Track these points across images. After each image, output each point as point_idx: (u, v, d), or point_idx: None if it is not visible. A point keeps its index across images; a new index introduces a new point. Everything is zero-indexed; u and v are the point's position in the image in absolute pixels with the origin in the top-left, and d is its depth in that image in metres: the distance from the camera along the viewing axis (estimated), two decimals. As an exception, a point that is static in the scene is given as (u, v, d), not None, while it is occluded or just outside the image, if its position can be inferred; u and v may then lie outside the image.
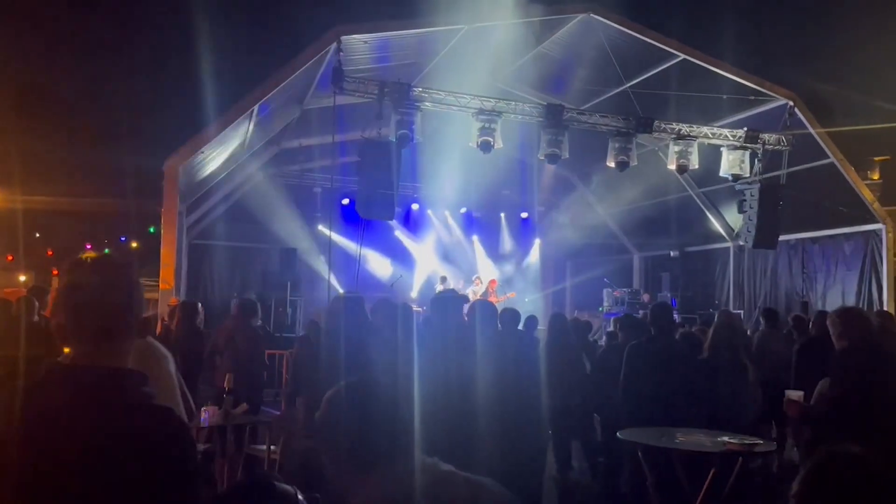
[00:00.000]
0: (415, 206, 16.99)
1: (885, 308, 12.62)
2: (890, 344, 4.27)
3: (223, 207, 15.12)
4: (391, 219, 11.73)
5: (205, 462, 5.46)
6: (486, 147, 10.92)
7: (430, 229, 17.53)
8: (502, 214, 18.02)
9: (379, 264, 16.59)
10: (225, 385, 5.47)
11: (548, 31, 12.01)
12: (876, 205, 13.37)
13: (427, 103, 10.65)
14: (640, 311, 13.28)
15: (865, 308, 12.80)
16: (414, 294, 16.48)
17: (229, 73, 11.17)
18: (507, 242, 18.27)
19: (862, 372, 3.34)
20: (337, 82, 10.14)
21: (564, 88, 13.84)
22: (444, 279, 15.72)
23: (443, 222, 17.64)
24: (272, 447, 5.76)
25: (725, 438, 3.98)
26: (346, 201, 15.52)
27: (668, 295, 15.83)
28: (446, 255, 17.62)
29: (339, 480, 1.52)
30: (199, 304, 7.59)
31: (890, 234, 13.17)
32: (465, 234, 17.88)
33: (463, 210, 17.56)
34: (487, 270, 17.46)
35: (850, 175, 12.93)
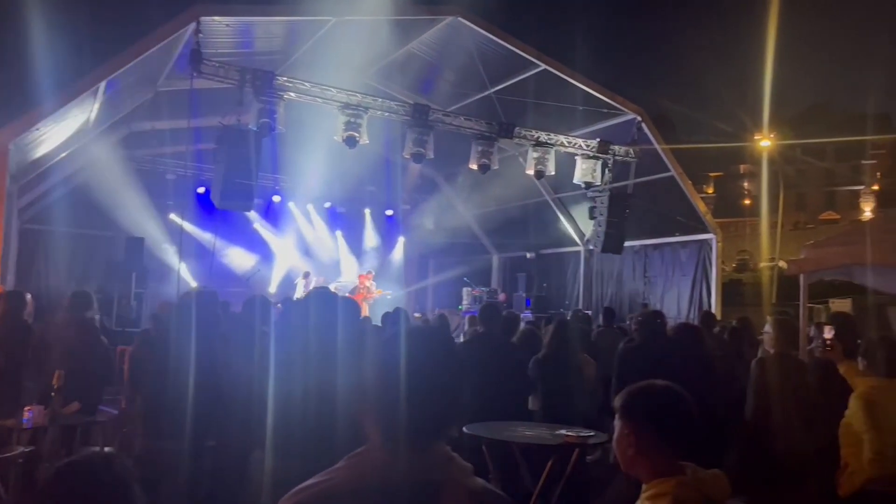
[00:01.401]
0: (276, 199, 16.52)
1: (712, 310, 13.91)
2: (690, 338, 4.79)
3: (63, 190, 13.85)
4: (249, 210, 11.32)
5: (26, 466, 4.99)
6: (351, 142, 10.83)
7: (292, 223, 17.13)
8: (367, 211, 17.96)
9: (236, 257, 15.98)
10: (54, 382, 5.04)
11: (417, 31, 12.12)
12: (708, 216, 14.67)
13: (291, 93, 10.40)
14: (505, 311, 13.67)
15: (696, 310, 14.05)
16: (272, 289, 16.04)
17: (73, 46, 10.27)
18: (371, 239, 18.24)
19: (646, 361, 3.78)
20: (195, 65, 9.65)
21: (432, 89, 14.03)
22: (307, 275, 15.42)
23: (305, 216, 17.30)
24: (106, 448, 5.38)
25: (563, 431, 4.21)
26: (201, 190, 14.78)
27: (524, 295, 16.47)
28: (308, 250, 17.30)
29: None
30: (28, 295, 6.93)
31: (719, 244, 14.50)
32: (328, 230, 17.63)
33: (327, 205, 17.31)
34: (351, 267, 17.36)
35: (688, 188, 14.08)
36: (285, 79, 10.41)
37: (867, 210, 52.94)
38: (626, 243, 13.80)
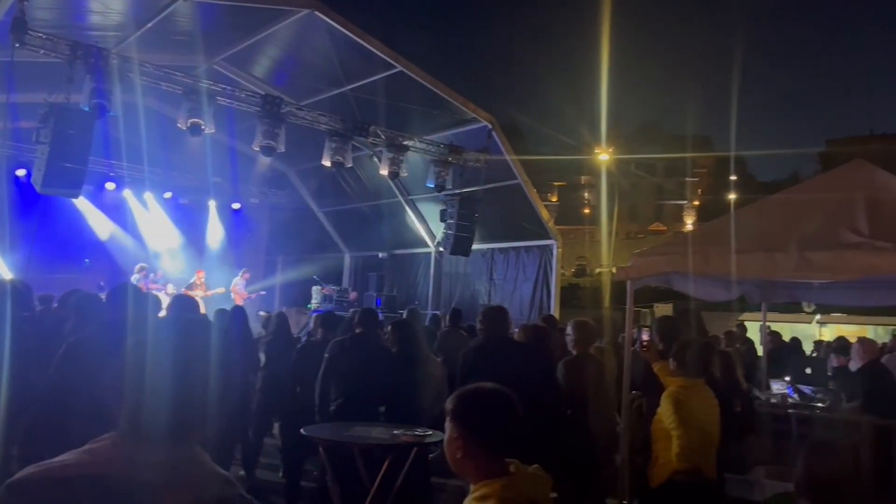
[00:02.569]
0: (110, 186, 15.28)
1: (552, 312, 14.67)
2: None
3: None
4: (76, 196, 10.42)
5: None
6: (195, 130, 10.29)
7: (128, 212, 15.95)
8: (212, 203, 17.09)
9: (61, 246, 14.60)
10: None
11: (271, 21, 11.72)
12: (551, 223, 15.45)
13: (130, 74, 9.69)
14: (350, 309, 13.64)
15: (537, 312, 14.74)
16: (102, 283, 14.83)
17: None
18: (215, 233, 17.38)
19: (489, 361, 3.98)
20: (17, 35, 8.70)
21: (286, 81, 13.65)
22: (143, 269, 14.40)
23: (143, 206, 16.16)
24: None
25: (401, 431, 4.25)
26: (21, 172, 13.36)
27: (374, 294, 16.46)
28: (144, 242, 16.17)
29: None
30: None
31: (560, 250, 15.32)
32: (168, 221, 16.58)
33: (167, 195, 16.27)
34: (193, 261, 16.44)
35: (533, 196, 14.74)
36: (124, 58, 9.68)
37: (689, 223, 58.35)
38: (474, 246, 14.22)
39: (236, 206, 17.25)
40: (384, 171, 12.63)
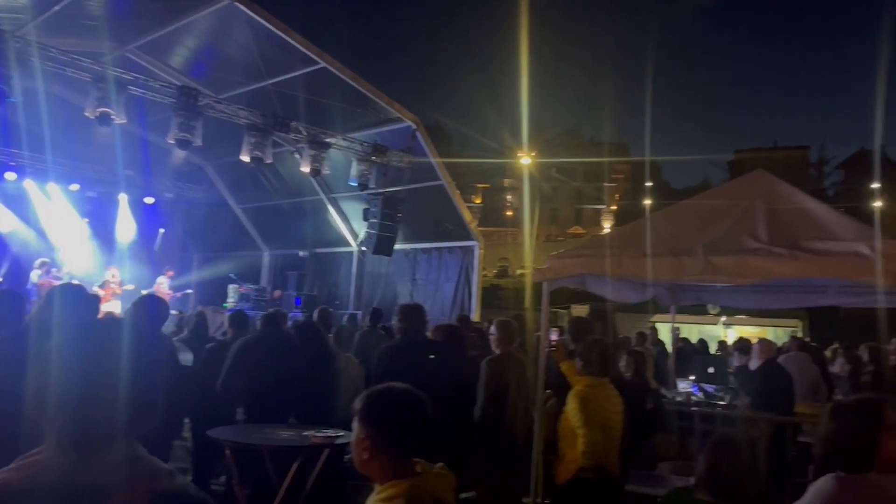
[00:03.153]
0: (10, 176, 14.38)
1: (472, 313, 14.83)
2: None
3: None
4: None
5: None
6: (105, 120, 9.82)
7: (30, 204, 15.05)
8: (123, 197, 16.33)
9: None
10: None
11: (189, 10, 11.33)
12: (473, 224, 15.60)
13: (32, 58, 9.15)
14: (269, 308, 13.35)
15: (458, 312, 14.85)
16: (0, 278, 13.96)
17: None
18: (126, 228, 16.62)
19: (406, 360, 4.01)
20: None
21: (204, 73, 13.22)
22: (44, 263, 13.63)
23: (47, 197, 15.29)
24: None
25: (312, 432, 4.19)
26: None
27: (294, 293, 16.18)
28: (47, 236, 15.30)
29: None
30: None
31: (482, 251, 15.49)
32: (75, 214, 15.75)
33: (74, 187, 15.44)
34: (101, 257, 15.67)
35: (456, 197, 14.85)
36: (25, 41, 9.14)
37: (607, 227, 60.14)
38: (397, 246, 14.20)
39: (149, 200, 16.56)
40: (305, 169, 12.42)
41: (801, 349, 8.38)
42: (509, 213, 62.89)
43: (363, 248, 15.23)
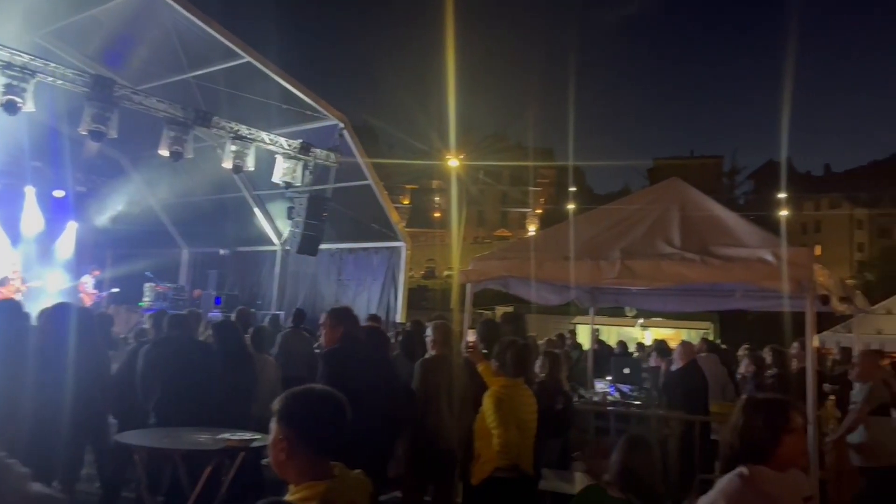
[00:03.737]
0: None
1: (398, 314, 14.83)
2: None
3: None
4: None
5: None
6: (11, 108, 9.28)
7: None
8: (30, 189, 15.43)
9: None
10: None
11: (106, -4, 10.88)
12: (401, 225, 15.58)
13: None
14: (186, 308, 12.94)
15: (384, 313, 14.80)
16: None
17: None
18: (33, 222, 15.71)
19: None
20: None
21: (121, 62, 12.69)
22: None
23: (-57, 189, 14.30)
24: None
25: (226, 435, 4.08)
26: None
27: (214, 293, 15.74)
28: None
29: None
30: None
31: (409, 252, 15.49)
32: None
33: (-24, 178, 14.50)
34: (4, 253, 14.78)
35: (383, 197, 14.80)
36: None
37: (532, 230, 61.21)
38: (322, 246, 14.01)
39: (59, 193, 15.72)
40: (227, 165, 12.09)
41: (711, 351, 8.77)
42: (437, 214, 63.14)
43: (287, 248, 14.96)
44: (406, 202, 62.55)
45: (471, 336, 5.52)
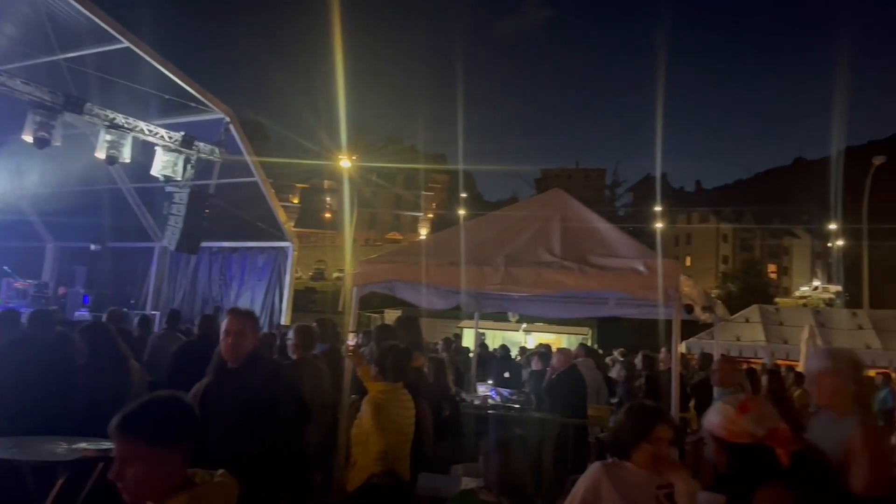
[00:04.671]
0: None
1: (283, 315, 14.46)
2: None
3: None
4: None
5: None
6: None
7: None
8: None
9: None
10: None
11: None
12: (288, 225, 15.21)
13: None
14: (52, 306, 12.04)
15: (268, 315, 14.40)
16: None
17: None
18: None
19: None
20: None
21: (-19, 38, 11.63)
22: None
23: None
24: None
25: (84, 445, 3.81)
26: None
27: (82, 291, 14.73)
28: None
29: None
30: None
31: (296, 253, 15.15)
32: None
33: None
34: None
35: (271, 196, 14.39)
36: None
37: (423, 233, 61.66)
38: (204, 244, 13.44)
39: None
40: (100, 155, 11.33)
41: (587, 355, 9.14)
42: (328, 215, 62.23)
43: (165, 245, 14.23)
44: (296, 201, 61.24)
45: (352, 339, 5.45)
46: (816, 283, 73.09)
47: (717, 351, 9.59)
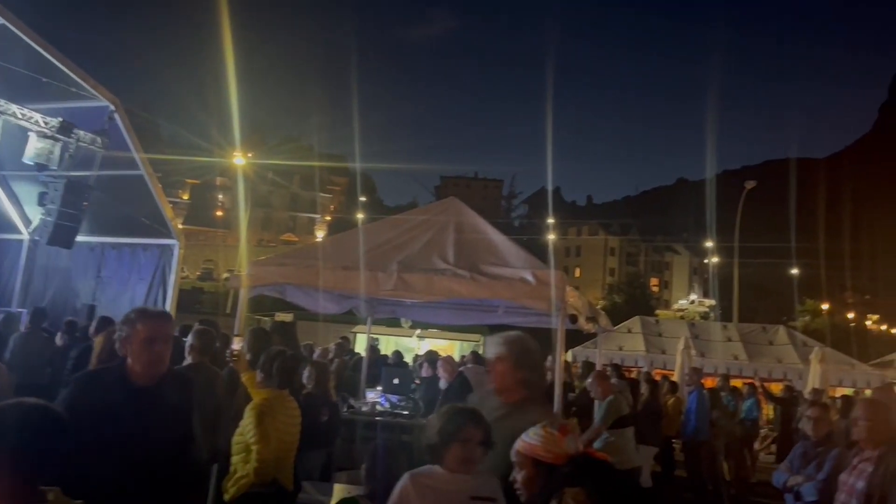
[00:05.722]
0: None
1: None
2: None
3: None
4: None
5: None
6: None
7: None
8: None
9: None
10: None
11: None
12: (175, 222, 14.50)
13: None
14: None
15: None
16: None
17: None
18: None
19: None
20: None
21: None
22: None
23: None
24: None
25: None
26: None
27: (-65, 285, 13.44)
28: None
29: None
30: None
31: (182, 251, 14.47)
32: None
33: None
34: None
35: (157, 190, 13.67)
36: None
37: (320, 236, 60.76)
38: (80, 238, 12.59)
39: None
40: (-36, 137, 10.42)
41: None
42: (220, 213, 60.02)
43: (36, 237, 13.23)
44: (186, 197, 58.63)
45: (237, 344, 5.27)
46: (693, 296, 78.03)
47: (600, 360, 9.99)
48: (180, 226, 14.71)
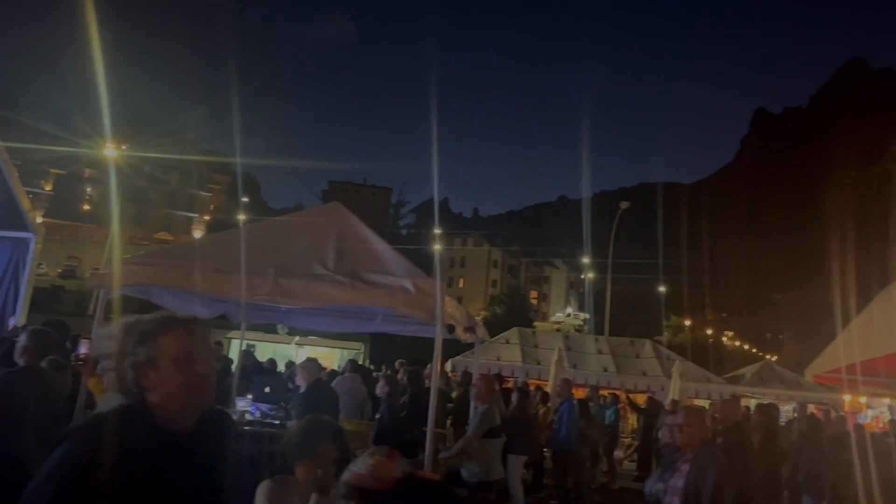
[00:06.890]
0: None
1: (17, 315, 12.65)
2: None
3: None
4: None
5: None
6: None
7: None
8: None
9: None
10: None
11: None
12: (32, 214, 13.34)
13: None
14: None
15: (-3, 315, 12.52)
16: None
17: None
18: None
19: None
20: None
21: None
22: None
23: None
24: None
25: None
26: None
27: None
28: None
29: None
30: None
31: (39, 245, 13.34)
32: None
33: None
34: None
35: (13, 180, 12.57)
36: None
37: (197, 236, 58.13)
38: (-83, 227, 11.36)
39: None
40: None
41: (354, 371, 9.16)
42: (87, 206, 56.04)
43: None
44: (48, 188, 54.25)
45: (85, 347, 4.89)
46: (569, 310, 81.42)
47: (477, 370, 10.14)
48: (40, 218, 13.56)
